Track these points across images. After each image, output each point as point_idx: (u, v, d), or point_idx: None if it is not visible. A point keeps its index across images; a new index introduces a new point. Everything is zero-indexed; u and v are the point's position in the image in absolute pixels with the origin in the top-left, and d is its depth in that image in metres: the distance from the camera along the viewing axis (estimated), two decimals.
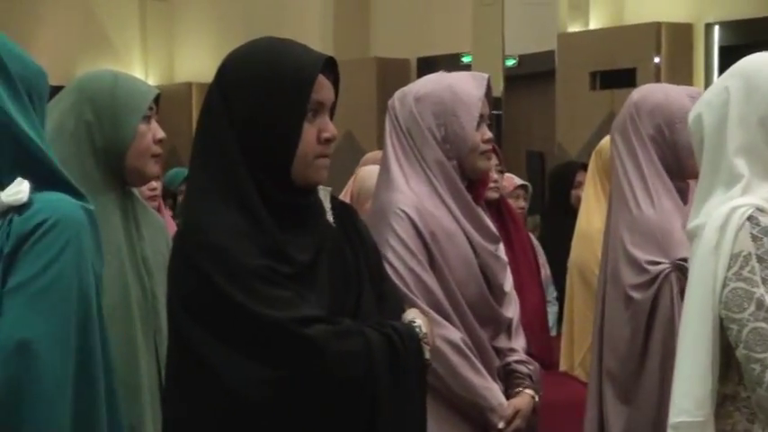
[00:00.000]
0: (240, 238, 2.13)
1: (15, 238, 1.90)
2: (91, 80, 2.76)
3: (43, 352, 1.86)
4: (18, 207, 1.92)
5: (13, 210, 1.92)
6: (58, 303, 1.89)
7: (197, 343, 2.13)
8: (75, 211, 1.97)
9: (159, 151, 2.76)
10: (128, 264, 2.68)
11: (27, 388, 1.84)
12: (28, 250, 1.90)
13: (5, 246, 1.90)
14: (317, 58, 2.22)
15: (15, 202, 1.92)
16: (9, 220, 1.92)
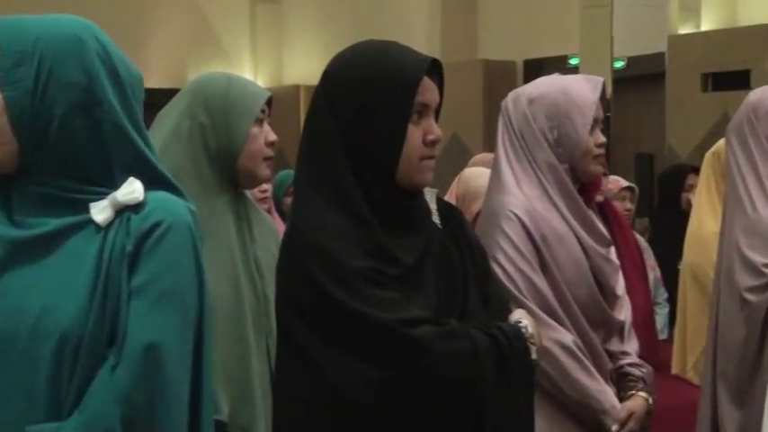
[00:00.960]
0: (346, 239, 2.14)
1: (135, 237, 1.96)
2: (205, 83, 2.79)
3: (169, 354, 1.92)
4: (134, 206, 1.98)
5: (128, 209, 1.98)
6: (178, 306, 1.96)
7: (304, 344, 2.14)
8: (185, 211, 2.02)
9: (271, 154, 2.78)
10: (240, 266, 2.70)
11: (160, 389, 1.91)
12: (149, 251, 1.96)
13: (127, 244, 1.96)
14: (422, 60, 2.22)
15: (131, 201, 1.98)
16: (126, 219, 1.98)
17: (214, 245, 2.66)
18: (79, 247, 1.95)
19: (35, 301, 1.91)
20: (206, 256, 2.59)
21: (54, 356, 1.90)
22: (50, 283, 1.93)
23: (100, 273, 1.95)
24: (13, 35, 1.94)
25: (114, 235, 1.97)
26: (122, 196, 1.99)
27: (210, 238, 2.65)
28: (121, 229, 1.98)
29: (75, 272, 1.94)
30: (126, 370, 1.90)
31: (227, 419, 2.60)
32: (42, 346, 1.90)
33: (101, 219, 1.97)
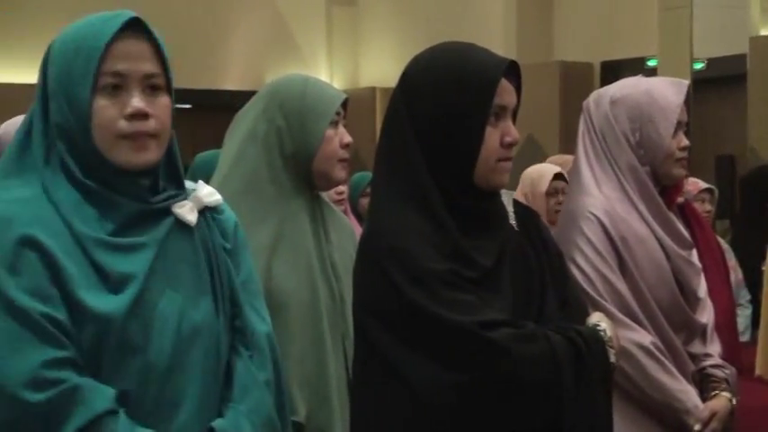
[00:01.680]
0: (423, 241, 2.13)
1: (229, 235, 2.13)
2: (281, 85, 2.80)
3: (276, 343, 2.18)
4: (214, 207, 2.11)
5: (208, 209, 2.09)
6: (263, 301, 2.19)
7: (382, 346, 2.14)
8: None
9: (346, 156, 2.78)
10: (317, 268, 2.71)
11: (278, 375, 2.17)
12: (240, 248, 2.15)
13: (225, 241, 2.11)
14: (500, 62, 2.21)
15: (215, 202, 2.12)
16: (211, 218, 2.11)
17: (290, 247, 2.67)
18: (178, 246, 2.03)
19: (177, 301, 2.00)
20: (283, 258, 2.62)
21: (206, 352, 2.02)
22: (177, 282, 2.01)
23: (213, 270, 2.07)
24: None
25: (206, 234, 2.09)
26: (206, 197, 2.09)
27: (287, 241, 2.67)
28: (211, 228, 2.10)
29: (191, 270, 2.04)
30: (262, 359, 2.11)
31: (304, 421, 2.60)
32: (195, 344, 2.01)
33: (192, 219, 2.06)
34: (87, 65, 1.95)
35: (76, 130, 1.97)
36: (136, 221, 2.00)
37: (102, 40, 1.96)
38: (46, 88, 2.01)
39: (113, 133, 1.97)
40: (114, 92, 1.97)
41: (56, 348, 1.87)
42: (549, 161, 5.04)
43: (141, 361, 1.95)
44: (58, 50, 2.01)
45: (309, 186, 2.75)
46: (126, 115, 1.97)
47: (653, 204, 2.89)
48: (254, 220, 2.64)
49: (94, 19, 2.00)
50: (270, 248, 2.65)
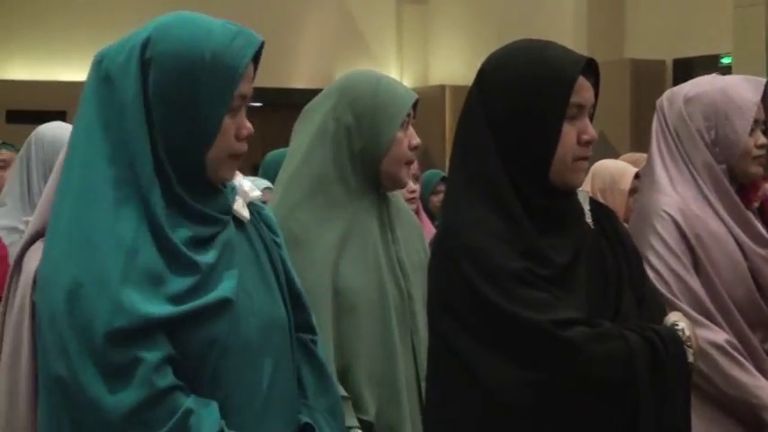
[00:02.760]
0: (498, 239, 2.12)
1: (274, 228, 2.17)
2: (353, 82, 2.78)
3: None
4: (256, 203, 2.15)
5: (253, 205, 2.13)
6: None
7: (455, 343, 2.13)
8: None
9: (413, 158, 2.77)
10: (384, 266, 2.70)
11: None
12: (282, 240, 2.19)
13: (274, 236, 2.15)
14: (578, 60, 2.19)
15: (257, 198, 2.14)
16: (257, 213, 2.14)
17: (358, 246, 2.67)
18: (235, 242, 2.04)
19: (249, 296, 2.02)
20: (350, 256, 2.62)
21: (280, 345, 2.07)
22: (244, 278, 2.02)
23: (274, 264, 2.11)
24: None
25: (258, 227, 2.12)
26: (251, 193, 2.11)
27: (354, 240, 2.67)
28: (258, 221, 2.14)
29: (252, 265, 2.06)
30: (325, 351, 2.19)
31: (373, 420, 2.60)
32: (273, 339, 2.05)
33: (247, 214, 2.09)
34: (226, 86, 1.96)
35: (191, 144, 1.97)
36: (217, 230, 2.01)
37: (243, 64, 1.97)
38: (146, 93, 1.96)
39: (228, 152, 2.00)
40: (232, 113, 1.99)
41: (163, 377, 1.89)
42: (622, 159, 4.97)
43: (232, 362, 1.97)
44: (171, 56, 1.96)
45: (376, 186, 2.74)
46: (242, 137, 2.01)
47: (729, 202, 2.87)
48: (322, 219, 2.65)
49: (214, 31, 1.97)
50: (338, 247, 2.65)
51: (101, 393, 1.86)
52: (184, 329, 1.92)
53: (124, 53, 1.98)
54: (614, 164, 4.80)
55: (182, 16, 2.01)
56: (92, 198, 1.94)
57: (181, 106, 1.95)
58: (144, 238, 1.91)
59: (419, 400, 2.66)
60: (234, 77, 1.96)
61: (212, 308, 1.94)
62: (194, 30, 1.97)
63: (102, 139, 1.96)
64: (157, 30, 1.98)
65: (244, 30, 2.00)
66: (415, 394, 2.67)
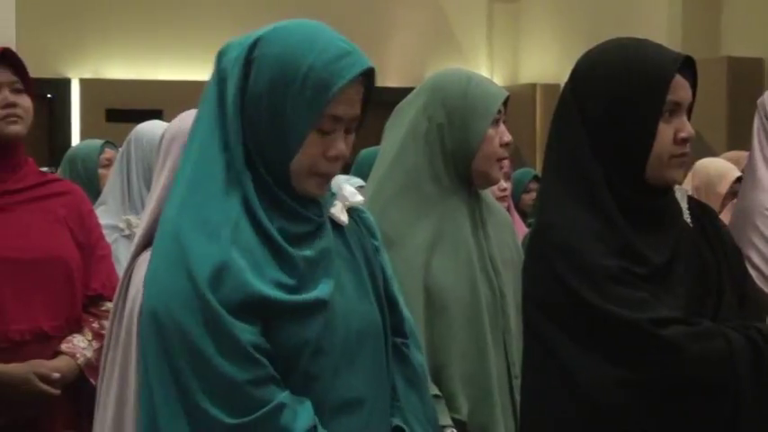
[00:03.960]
0: (593, 238, 2.11)
1: (375, 232, 2.16)
2: (444, 80, 2.79)
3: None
4: (357, 207, 2.14)
5: (354, 209, 2.12)
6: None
7: (550, 342, 2.12)
8: None
9: (505, 155, 2.77)
10: (476, 264, 2.70)
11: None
12: (382, 246, 2.17)
13: (374, 241, 2.15)
14: (674, 58, 2.18)
15: (359, 202, 2.13)
16: (357, 217, 2.14)
17: (450, 244, 2.68)
18: (333, 246, 2.03)
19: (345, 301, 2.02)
20: (442, 255, 2.63)
21: (374, 350, 2.06)
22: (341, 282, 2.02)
23: (372, 269, 2.10)
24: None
25: (357, 232, 2.12)
26: (351, 197, 2.11)
27: (446, 238, 2.67)
28: (359, 225, 2.13)
29: (350, 270, 2.06)
30: (416, 342, 2.18)
31: (466, 419, 2.60)
32: (368, 343, 2.04)
33: (345, 219, 2.08)
34: (314, 103, 1.91)
35: (275, 151, 1.95)
36: (313, 231, 2.01)
37: (337, 85, 1.92)
38: (244, 91, 1.97)
39: (312, 169, 1.96)
40: (326, 133, 1.95)
41: (258, 367, 1.89)
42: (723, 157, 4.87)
43: (325, 364, 1.97)
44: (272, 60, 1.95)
45: (468, 184, 2.75)
46: (330, 157, 1.97)
47: None
48: (414, 217, 2.66)
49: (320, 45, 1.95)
50: (429, 246, 2.65)
51: (218, 362, 1.86)
52: (280, 323, 1.92)
53: (238, 49, 1.99)
54: (715, 165, 4.67)
55: (300, 23, 2.00)
56: (199, 189, 1.96)
57: (269, 111, 1.94)
58: (244, 228, 1.92)
59: (511, 400, 2.67)
60: (324, 96, 1.91)
61: (308, 307, 1.94)
62: (301, 39, 1.95)
63: (214, 130, 1.97)
64: (270, 31, 1.98)
65: (354, 52, 1.96)
66: (507, 393, 2.67)
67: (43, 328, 3.02)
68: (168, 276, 1.91)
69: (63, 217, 3.14)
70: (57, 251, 3.07)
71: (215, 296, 1.87)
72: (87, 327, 3.08)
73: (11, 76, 3.09)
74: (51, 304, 3.03)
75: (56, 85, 8.66)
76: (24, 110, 3.09)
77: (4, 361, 2.95)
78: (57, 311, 3.04)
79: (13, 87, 3.09)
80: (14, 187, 3.09)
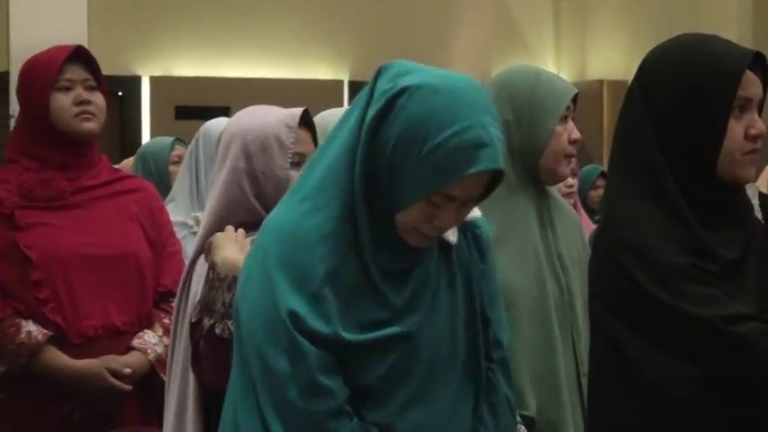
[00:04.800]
0: (662, 235, 2.09)
1: (484, 252, 2.12)
2: (511, 77, 2.78)
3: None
4: (472, 223, 2.09)
5: (467, 224, 2.08)
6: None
7: (618, 339, 2.11)
8: None
9: (573, 152, 2.75)
10: (544, 262, 2.69)
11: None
12: (491, 265, 2.13)
13: (481, 259, 2.10)
14: (745, 53, 2.15)
15: (472, 218, 2.09)
16: (470, 235, 2.10)
17: (517, 242, 2.66)
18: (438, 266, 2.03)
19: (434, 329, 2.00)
20: (509, 252, 2.62)
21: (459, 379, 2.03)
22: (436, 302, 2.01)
23: (471, 292, 2.06)
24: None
25: (463, 252, 2.08)
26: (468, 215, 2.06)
27: (513, 235, 2.66)
28: (469, 245, 2.10)
29: (447, 289, 2.03)
30: (506, 371, 2.14)
31: (535, 416, 2.59)
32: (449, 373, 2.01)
33: (454, 239, 2.04)
34: (430, 180, 1.88)
35: (387, 200, 1.93)
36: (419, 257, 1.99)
37: (459, 173, 1.88)
38: (377, 131, 1.92)
39: (415, 228, 1.94)
40: (438, 207, 1.93)
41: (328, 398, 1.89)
42: None
43: (401, 394, 1.96)
44: (410, 126, 1.90)
45: (535, 181, 2.73)
46: (434, 225, 1.94)
47: None
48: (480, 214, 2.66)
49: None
50: (495, 242, 2.66)
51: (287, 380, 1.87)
52: (360, 356, 1.92)
53: (390, 83, 1.94)
54: None
55: (454, 84, 1.90)
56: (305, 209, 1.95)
57: (389, 163, 1.91)
58: (345, 260, 1.92)
59: (580, 397, 2.65)
60: (441, 178, 1.89)
61: (392, 341, 1.93)
62: (445, 108, 1.87)
63: (346, 152, 1.96)
64: (420, 85, 1.91)
65: (491, 146, 1.90)
66: (575, 390, 2.65)
67: (115, 324, 3.06)
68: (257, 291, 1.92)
69: (135, 214, 3.18)
70: (129, 248, 3.12)
71: (296, 325, 1.87)
72: (158, 323, 3.12)
73: (84, 73, 3.14)
74: (123, 300, 3.08)
75: (126, 82, 8.75)
76: (97, 107, 3.13)
77: (77, 356, 3.00)
78: (128, 307, 3.09)
79: (86, 85, 3.13)
80: (89, 184, 3.14)
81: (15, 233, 3.02)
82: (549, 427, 2.61)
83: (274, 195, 2.43)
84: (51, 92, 3.08)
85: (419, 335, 1.95)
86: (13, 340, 2.95)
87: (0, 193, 3.05)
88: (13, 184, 3.07)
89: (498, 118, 1.95)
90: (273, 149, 2.54)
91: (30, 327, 2.97)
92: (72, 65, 3.12)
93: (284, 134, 2.54)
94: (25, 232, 3.03)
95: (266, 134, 2.54)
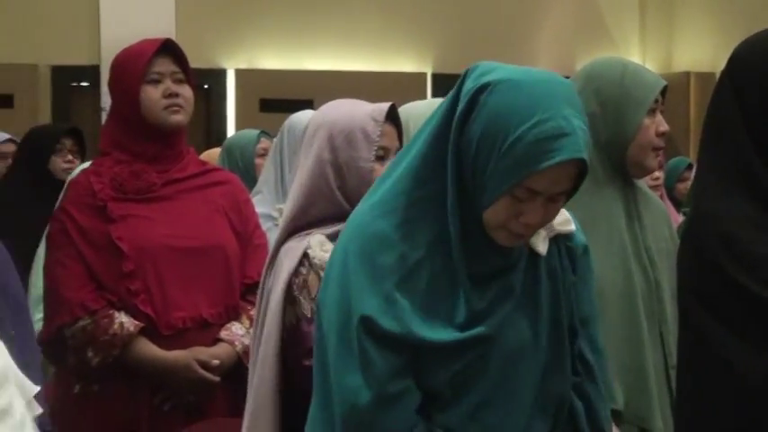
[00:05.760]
0: (753, 227, 2.07)
1: (576, 264, 2.09)
2: (598, 69, 2.76)
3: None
4: (566, 234, 2.07)
5: (561, 236, 2.06)
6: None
7: (707, 333, 2.08)
8: None
9: (661, 145, 2.73)
10: (631, 254, 2.67)
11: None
12: (585, 277, 2.11)
13: (573, 271, 2.08)
14: None
15: (568, 231, 2.07)
16: (563, 246, 2.07)
17: (603, 234, 2.65)
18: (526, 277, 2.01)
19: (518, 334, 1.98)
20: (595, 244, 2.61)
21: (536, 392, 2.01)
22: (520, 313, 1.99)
23: (558, 304, 2.04)
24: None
25: (554, 263, 2.06)
26: (559, 226, 2.05)
27: (599, 228, 2.65)
28: (561, 256, 2.07)
29: (531, 300, 2.01)
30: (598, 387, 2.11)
31: (622, 409, 2.58)
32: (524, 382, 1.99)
33: (544, 250, 2.02)
34: (512, 173, 1.87)
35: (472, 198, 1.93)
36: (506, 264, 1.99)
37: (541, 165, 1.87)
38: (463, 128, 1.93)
39: (503, 226, 1.93)
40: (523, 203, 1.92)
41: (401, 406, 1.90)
42: None
43: (476, 393, 1.95)
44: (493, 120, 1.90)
45: (622, 173, 2.72)
46: (521, 222, 1.92)
47: None
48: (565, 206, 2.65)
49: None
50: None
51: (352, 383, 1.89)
52: (436, 357, 1.91)
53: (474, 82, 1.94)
54: None
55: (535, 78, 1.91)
56: (387, 209, 1.96)
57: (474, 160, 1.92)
58: (428, 260, 1.92)
59: (668, 390, 2.64)
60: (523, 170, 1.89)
61: (469, 343, 1.92)
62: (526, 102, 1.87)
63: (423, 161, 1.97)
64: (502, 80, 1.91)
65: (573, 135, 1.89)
66: (664, 384, 2.64)
67: (203, 316, 3.09)
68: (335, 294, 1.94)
69: (222, 206, 3.21)
70: (216, 240, 3.15)
71: (368, 331, 1.88)
72: (245, 314, 3.14)
73: (173, 66, 3.18)
74: (211, 292, 3.11)
75: (212, 75, 8.84)
76: (186, 100, 3.17)
77: (166, 348, 3.04)
78: (216, 299, 3.12)
79: (175, 78, 3.17)
80: (178, 176, 3.18)
81: (108, 225, 3.07)
82: (637, 419, 2.60)
83: (357, 188, 2.45)
84: (141, 85, 3.12)
85: (495, 340, 1.94)
86: (107, 331, 3.00)
87: (94, 186, 3.10)
88: (106, 177, 3.11)
89: (582, 109, 1.93)
90: (359, 141, 2.55)
91: (122, 318, 3.02)
92: (161, 58, 3.16)
93: (371, 127, 2.55)
94: (117, 224, 3.07)
95: (353, 126, 2.56)
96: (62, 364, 3.13)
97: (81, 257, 3.05)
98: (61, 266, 3.07)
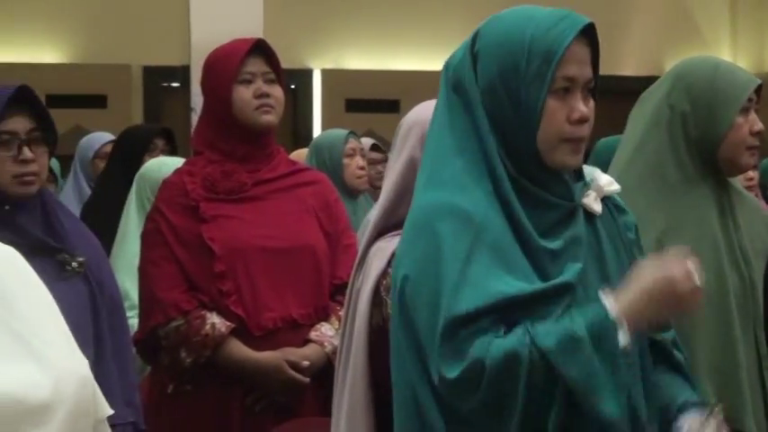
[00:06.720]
0: None
1: (631, 227, 2.13)
2: (689, 68, 2.74)
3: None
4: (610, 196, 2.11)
5: (608, 199, 2.10)
6: None
7: None
8: None
9: (755, 143, 2.69)
10: (724, 253, 2.64)
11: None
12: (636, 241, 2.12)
13: (629, 231, 2.12)
14: None
15: (615, 191, 2.11)
16: (614, 207, 2.11)
17: (692, 233, 2.62)
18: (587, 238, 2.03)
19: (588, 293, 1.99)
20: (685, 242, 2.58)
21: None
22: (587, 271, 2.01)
23: (621, 263, 2.06)
24: None
25: (610, 223, 2.10)
26: (607, 186, 2.08)
27: (691, 227, 2.63)
28: (615, 217, 2.11)
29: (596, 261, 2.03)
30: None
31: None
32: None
33: (598, 209, 2.07)
34: (544, 67, 1.96)
35: (520, 131, 1.99)
36: (561, 219, 2.01)
37: (562, 45, 1.96)
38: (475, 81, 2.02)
39: (559, 136, 1.99)
40: (564, 95, 1.99)
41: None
42: None
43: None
44: (494, 45, 2.01)
45: (715, 172, 2.69)
46: (573, 120, 1.99)
47: None
48: (655, 204, 2.62)
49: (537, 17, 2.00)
50: (667, 233, 2.61)
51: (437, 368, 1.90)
52: (526, 312, 1.92)
53: (460, 51, 2.06)
54: None
55: (512, 9, 2.05)
56: (438, 184, 2.01)
57: (505, 93, 1.98)
58: (494, 218, 1.95)
59: (762, 391, 2.61)
60: (552, 59, 1.95)
61: (555, 291, 1.94)
62: (517, 18, 2.01)
63: (449, 135, 2.03)
64: (486, 23, 2.04)
65: (571, 14, 2.00)
66: (757, 384, 2.61)
67: (293, 317, 3.11)
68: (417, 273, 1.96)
69: (312, 206, 3.22)
70: (307, 240, 3.16)
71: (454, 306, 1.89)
72: (334, 315, 3.14)
73: (264, 66, 3.19)
74: (301, 293, 3.12)
75: (298, 75, 8.87)
76: (276, 100, 3.19)
77: (257, 348, 3.06)
78: (305, 300, 3.13)
79: (266, 78, 3.19)
80: (268, 176, 3.20)
81: (200, 225, 3.10)
82: (729, 421, 2.56)
83: None
84: (233, 85, 3.14)
85: (577, 292, 1.96)
86: (199, 332, 3.03)
87: (186, 186, 3.14)
88: (198, 177, 3.14)
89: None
90: None
91: (214, 319, 3.05)
92: (253, 58, 3.18)
93: None
94: (209, 224, 3.10)
95: None
96: (156, 363, 3.17)
97: (174, 257, 3.08)
98: (155, 266, 3.11)
